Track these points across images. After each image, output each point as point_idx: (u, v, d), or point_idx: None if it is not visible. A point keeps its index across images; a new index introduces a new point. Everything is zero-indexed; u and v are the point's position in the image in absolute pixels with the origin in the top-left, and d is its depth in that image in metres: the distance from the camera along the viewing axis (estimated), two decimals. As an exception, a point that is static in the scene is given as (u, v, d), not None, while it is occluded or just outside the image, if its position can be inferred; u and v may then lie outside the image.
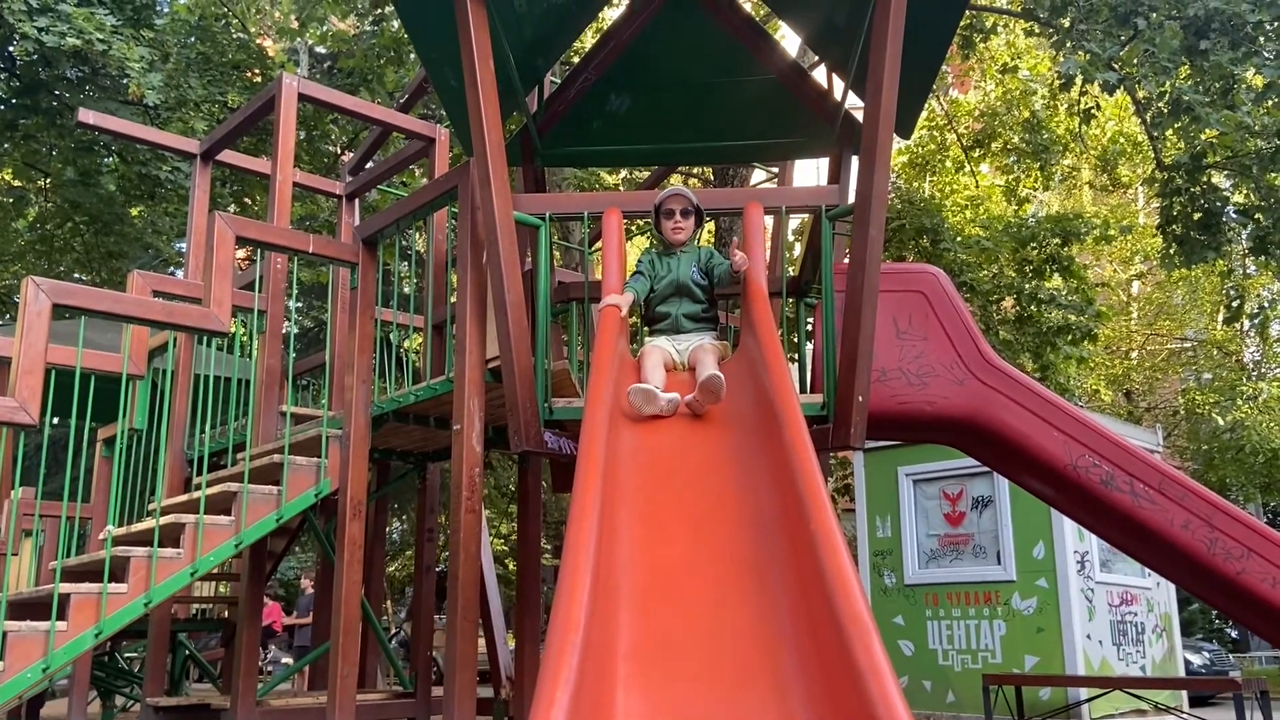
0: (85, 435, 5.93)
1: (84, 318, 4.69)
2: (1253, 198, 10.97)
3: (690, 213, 4.34)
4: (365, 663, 6.91)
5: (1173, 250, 11.24)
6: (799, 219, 12.62)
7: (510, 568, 17.22)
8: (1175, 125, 10.60)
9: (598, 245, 5.77)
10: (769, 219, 5.45)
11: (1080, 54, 10.06)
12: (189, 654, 9.00)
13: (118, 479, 6.02)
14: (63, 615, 4.27)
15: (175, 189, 10.90)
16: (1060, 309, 12.47)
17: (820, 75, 6.19)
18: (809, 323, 5.95)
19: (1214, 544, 4.39)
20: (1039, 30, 12.85)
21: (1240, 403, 16.66)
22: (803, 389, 5.11)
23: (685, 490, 3.42)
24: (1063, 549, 8.78)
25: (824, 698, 2.20)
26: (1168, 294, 21.79)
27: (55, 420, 8.90)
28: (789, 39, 12.71)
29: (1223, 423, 16.94)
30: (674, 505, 3.34)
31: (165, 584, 4.61)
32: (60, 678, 9.09)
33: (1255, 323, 16.38)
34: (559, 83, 6.26)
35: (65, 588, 4.33)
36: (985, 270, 12.45)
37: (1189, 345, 21.32)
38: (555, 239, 6.34)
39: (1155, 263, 16.65)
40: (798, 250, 12.85)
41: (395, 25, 11.54)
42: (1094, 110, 11.81)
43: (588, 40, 11.25)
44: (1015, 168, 14.51)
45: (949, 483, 9.61)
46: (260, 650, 8.59)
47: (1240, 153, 10.41)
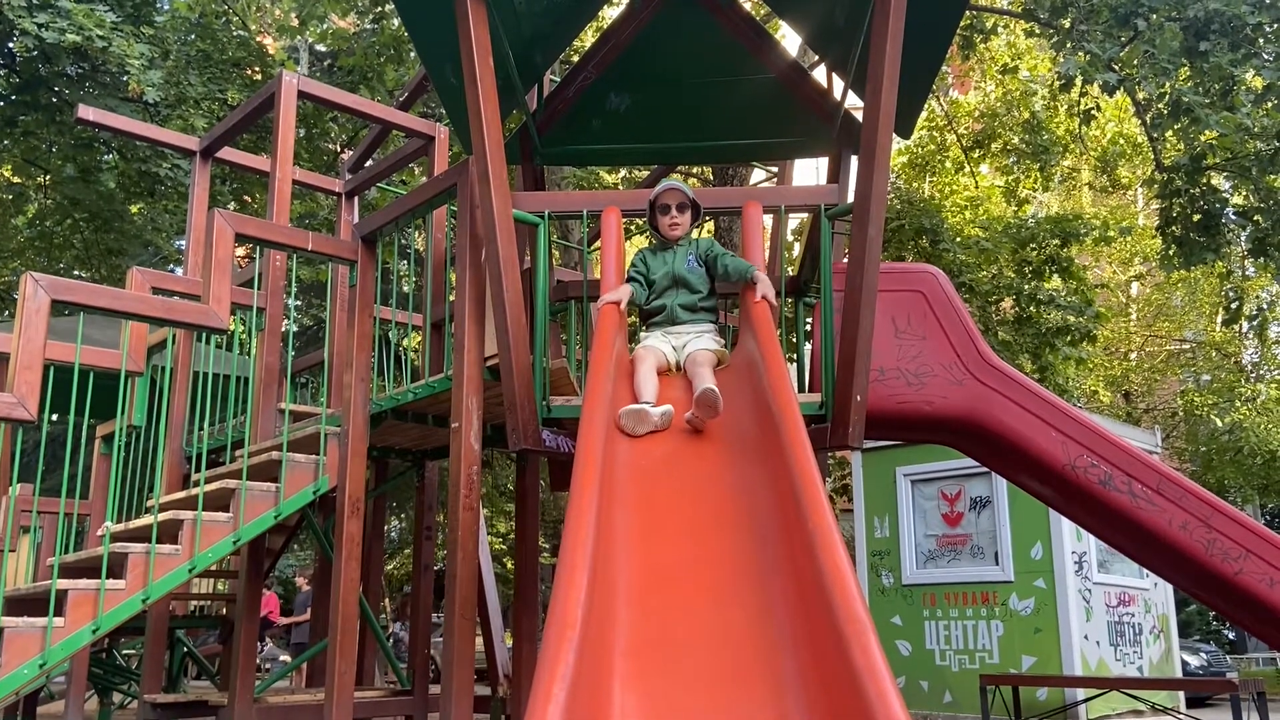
0: (84, 432, 5.93)
1: (83, 314, 4.69)
2: (1252, 199, 10.98)
3: (686, 207, 4.25)
4: (363, 660, 6.92)
5: (1172, 252, 11.24)
6: (798, 218, 12.63)
7: (508, 566, 17.22)
8: (1175, 127, 10.61)
9: (597, 244, 5.77)
10: (768, 218, 5.45)
11: (1080, 55, 10.06)
12: (187, 651, 9.00)
13: (116, 475, 6.02)
14: (60, 611, 4.27)
15: (175, 186, 10.90)
16: (1059, 310, 12.48)
17: (820, 75, 6.19)
18: (807, 322, 5.95)
19: (1212, 545, 4.40)
20: (1039, 31, 12.86)
21: (1239, 404, 16.68)
22: (801, 388, 5.11)
23: (683, 490, 3.43)
24: (1060, 550, 8.79)
25: (821, 697, 2.20)
26: (1167, 295, 21.80)
27: (54, 417, 8.90)
28: (789, 38, 12.71)
29: (1221, 424, 16.95)
30: (672, 505, 3.34)
31: (163, 580, 4.61)
32: (58, 674, 9.10)
33: (1254, 324, 16.40)
34: (559, 81, 6.26)
35: (63, 584, 4.33)
36: (984, 271, 12.46)
37: (1188, 347, 21.34)
38: (554, 237, 6.35)
39: (1154, 264, 16.66)
40: (796, 250, 12.85)
41: (395, 23, 11.54)
42: (1094, 111, 11.82)
43: (588, 39, 11.25)
44: (1015, 168, 14.52)
45: (947, 483, 9.62)
46: (258, 644, 8.59)
47: (1240, 154, 10.42)
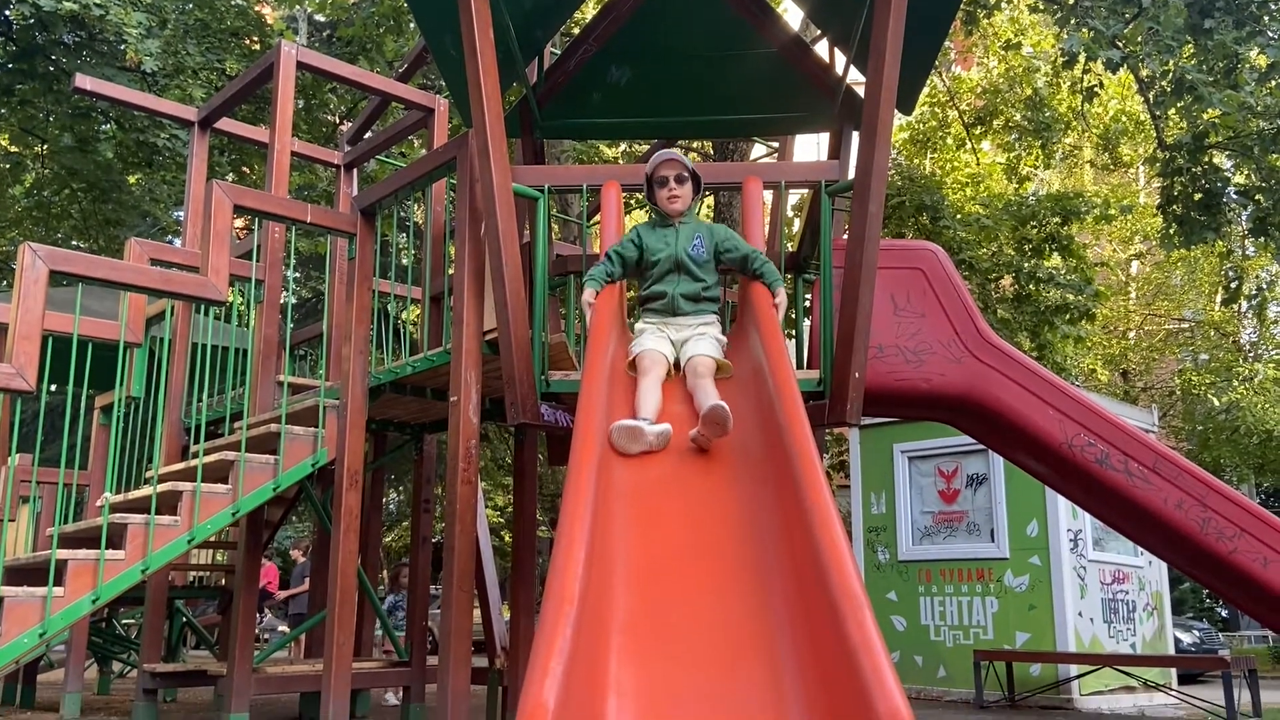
0: (83, 402, 5.94)
1: (81, 285, 4.68)
2: (1254, 179, 10.94)
3: (686, 179, 3.90)
4: (361, 631, 6.96)
5: (1172, 230, 11.21)
6: (798, 194, 12.60)
7: (506, 539, 17.29)
8: (1178, 105, 10.56)
9: (596, 219, 5.75)
10: (768, 194, 5.43)
11: (1084, 31, 9.99)
12: (186, 621, 9.05)
13: (115, 446, 6.03)
14: (60, 581, 4.29)
15: (173, 157, 10.84)
16: (1059, 288, 12.47)
17: (823, 50, 6.15)
18: (807, 299, 5.95)
19: (1207, 523, 4.42)
20: (1043, 6, 12.76)
21: (1236, 384, 16.71)
22: (799, 365, 5.11)
23: (681, 467, 3.44)
24: (1056, 527, 8.83)
25: (816, 672, 2.22)
26: (1166, 274, 21.78)
27: (53, 387, 8.90)
28: (791, 13, 12.61)
29: (1218, 403, 16.98)
30: (670, 482, 3.35)
31: (162, 551, 4.63)
32: (57, 643, 9.15)
33: (1253, 304, 16.41)
34: (559, 54, 6.22)
35: (63, 554, 4.35)
36: (984, 248, 12.44)
37: (1186, 326, 21.34)
38: (554, 212, 6.33)
39: (1155, 243, 16.63)
40: (796, 226, 12.81)
41: (395, -7, 11.43)
42: (1096, 88, 11.74)
43: (589, 11, 11.16)
44: (1016, 145, 14.46)
45: (944, 460, 9.65)
46: (256, 615, 8.64)
47: (1242, 133, 10.38)
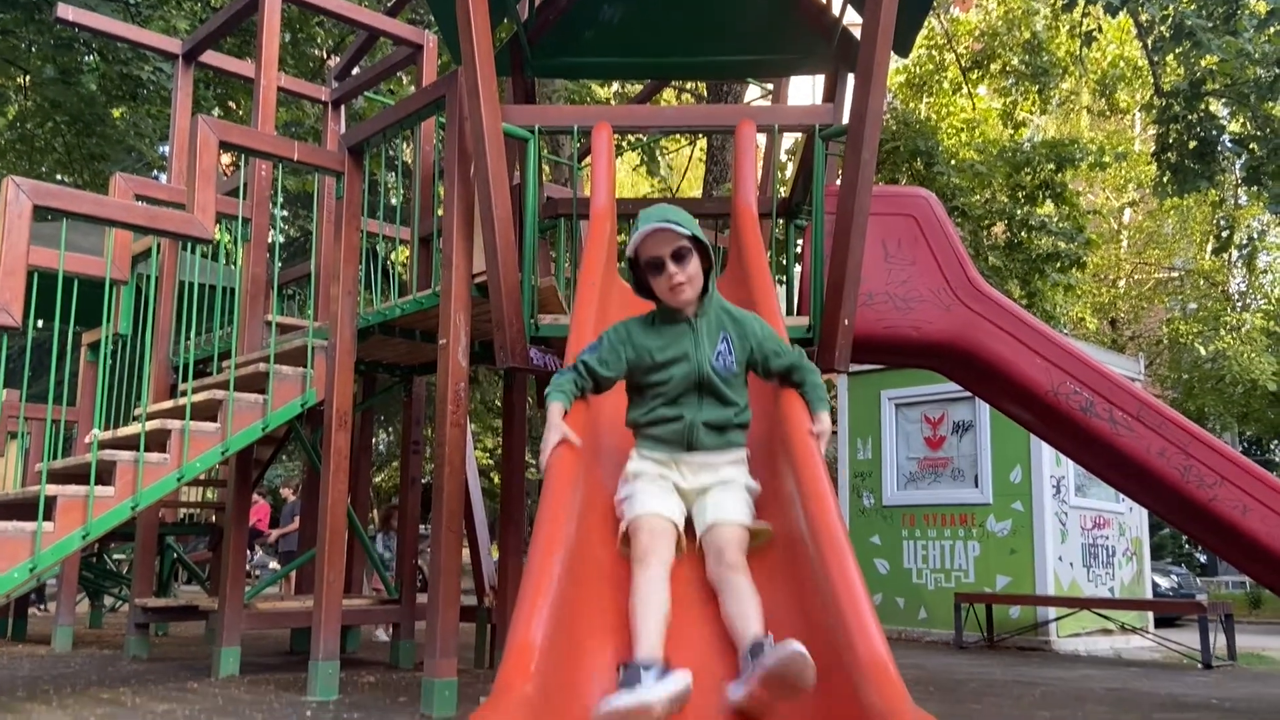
0: (69, 339, 5.91)
1: (66, 220, 4.63)
2: (1249, 127, 10.89)
3: (689, 251, 2.55)
4: (351, 570, 7.03)
5: (1166, 178, 11.18)
6: (792, 138, 12.47)
7: (495, 481, 17.40)
8: (1176, 51, 10.45)
9: (588, 160, 5.69)
10: (761, 138, 5.38)
11: (1085, -26, 9.84)
12: (177, 557, 9.13)
13: (103, 384, 6.02)
14: (49, 516, 4.31)
15: (157, 90, 10.64)
16: (1050, 235, 12.44)
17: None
18: (798, 245, 5.93)
19: (1188, 471, 4.47)
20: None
21: (1223, 333, 16.79)
22: (789, 311, 5.11)
23: (669, 409, 3.45)
24: (1040, 474, 8.92)
25: (796, 610, 2.25)
26: (1158, 223, 21.73)
27: (39, 323, 8.85)
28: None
29: (1204, 352, 17.08)
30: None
31: (152, 488, 4.65)
32: (49, 577, 9.22)
33: (1243, 254, 16.42)
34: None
35: (52, 489, 4.37)
36: (978, 195, 12.37)
37: (1176, 275, 21.36)
38: (544, 152, 6.26)
39: (1148, 191, 16.55)
40: (789, 171, 12.71)
41: (383, -76, 11.16)
42: (1095, 33, 11.62)
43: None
44: (1013, 90, 14.31)
45: (931, 407, 9.71)
46: (247, 552, 8.72)
47: (1239, 80, 10.29)
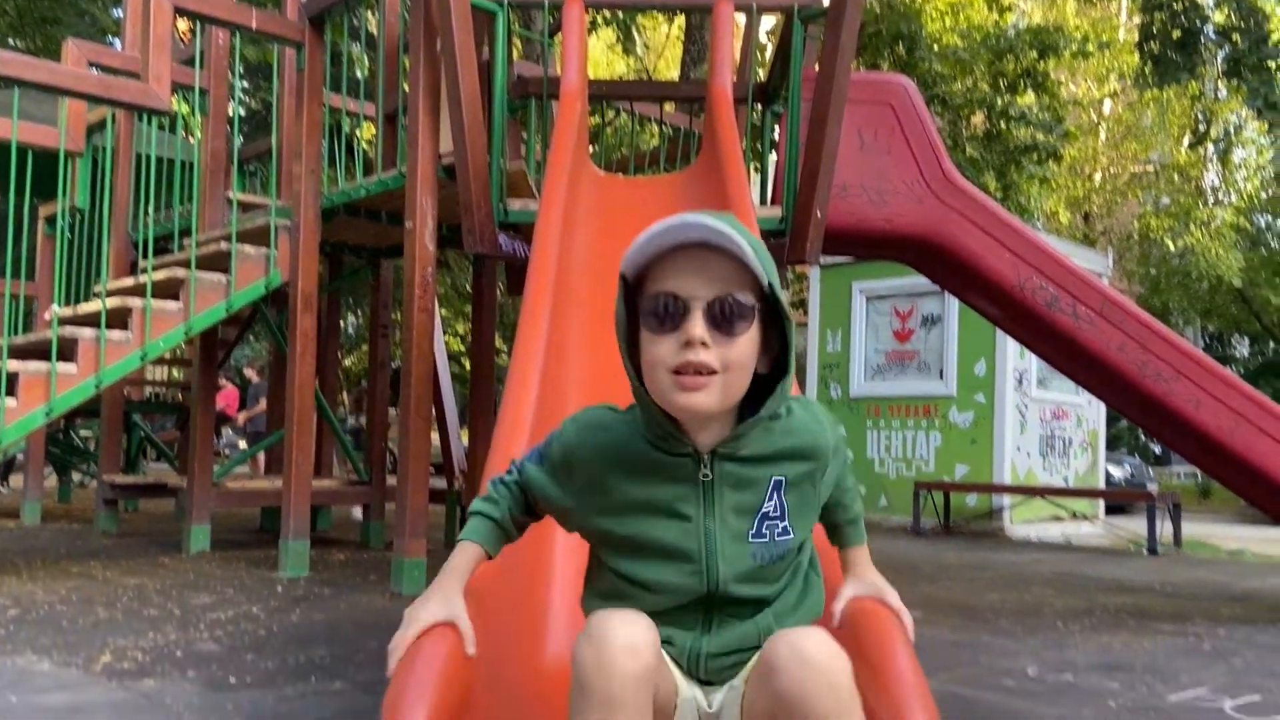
0: (25, 212, 5.76)
1: (18, 89, 4.45)
2: (1233, 18, 10.72)
3: (744, 314, 1.28)
4: (321, 452, 7.07)
5: (1148, 68, 11.06)
6: (773, 19, 12.11)
7: (467, 366, 17.43)
8: (1168, -64, 10.19)
9: (560, 36, 5.51)
10: (740, 17, 5.22)
11: None
12: (144, 435, 9.13)
13: (61, 258, 5.89)
14: (12, 392, 4.27)
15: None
16: (1029, 126, 12.32)
17: None
18: (775, 132, 5.82)
19: (1145, 366, 4.54)
20: None
21: (1194, 229, 16.88)
22: (763, 201, 5.05)
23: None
24: (1004, 366, 9.06)
25: None
26: (1138, 115, 21.55)
27: (-7, 196, 8.61)
28: None
29: (1173, 248, 17.20)
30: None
31: (115, 366, 4.61)
32: (15, 451, 9.21)
33: (1219, 148, 16.37)
34: None
35: (13, 366, 4.32)
36: (959, 83, 12.16)
37: (1151, 169, 21.30)
38: (516, 26, 6.04)
39: (1129, 82, 16.35)
40: (769, 53, 12.40)
41: None
42: (1087, -85, 11.27)
43: None
44: (1000, -28, 13.92)
45: (901, 300, 9.75)
46: (216, 435, 8.74)
47: (1228, -31, 10.10)
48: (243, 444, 10.68)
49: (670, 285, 1.25)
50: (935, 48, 12.17)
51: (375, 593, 4.37)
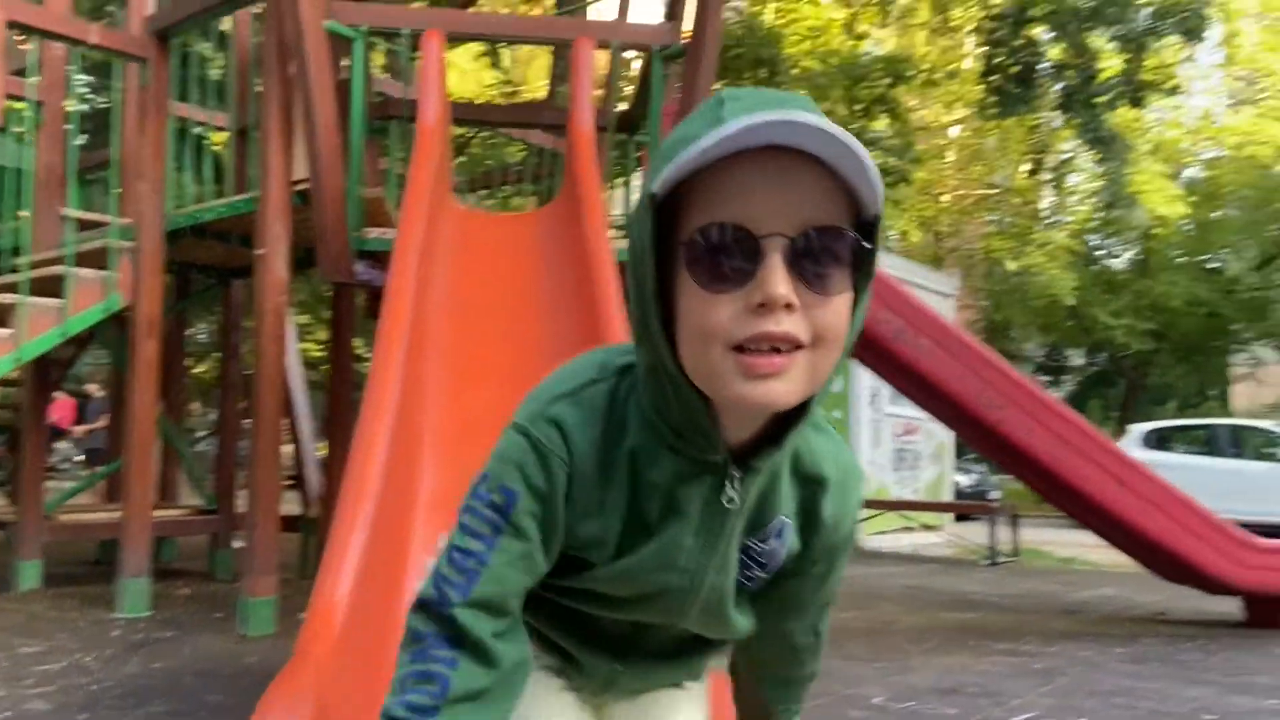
0: None
1: None
2: (1067, 55, 11.44)
3: (839, 263, 0.84)
4: (167, 475, 6.74)
5: (990, 100, 11.69)
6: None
7: (326, 372, 16.92)
8: (1006, -23, 10.80)
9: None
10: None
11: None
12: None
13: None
14: None
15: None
16: (882, 152, 12.85)
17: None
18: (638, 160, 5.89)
19: (981, 394, 4.81)
20: None
21: (1031, 249, 17.92)
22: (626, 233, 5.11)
23: (499, 338, 3.42)
24: (859, 384, 9.41)
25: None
26: (983, 139, 22.72)
27: None
28: None
29: (1013, 267, 18.21)
30: (487, 352, 3.34)
31: (-68, 399, 4.30)
32: None
33: (1055, 175, 17.43)
34: None
35: None
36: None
37: (995, 191, 22.47)
38: (376, 46, 5.92)
39: (975, 110, 17.25)
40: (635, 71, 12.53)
41: None
42: (935, -49, 11.83)
43: None
44: (855, 0, 14.48)
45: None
46: (49, 449, 8.23)
47: (1061, 9, 10.75)
48: (79, 458, 10.10)
49: (734, 212, 0.82)
50: (795, 71, 12.55)
51: (221, 634, 4.20)
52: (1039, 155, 14.68)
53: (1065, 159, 17.53)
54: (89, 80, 12.20)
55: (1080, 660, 4.08)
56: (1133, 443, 11.77)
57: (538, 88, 15.67)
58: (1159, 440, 12.16)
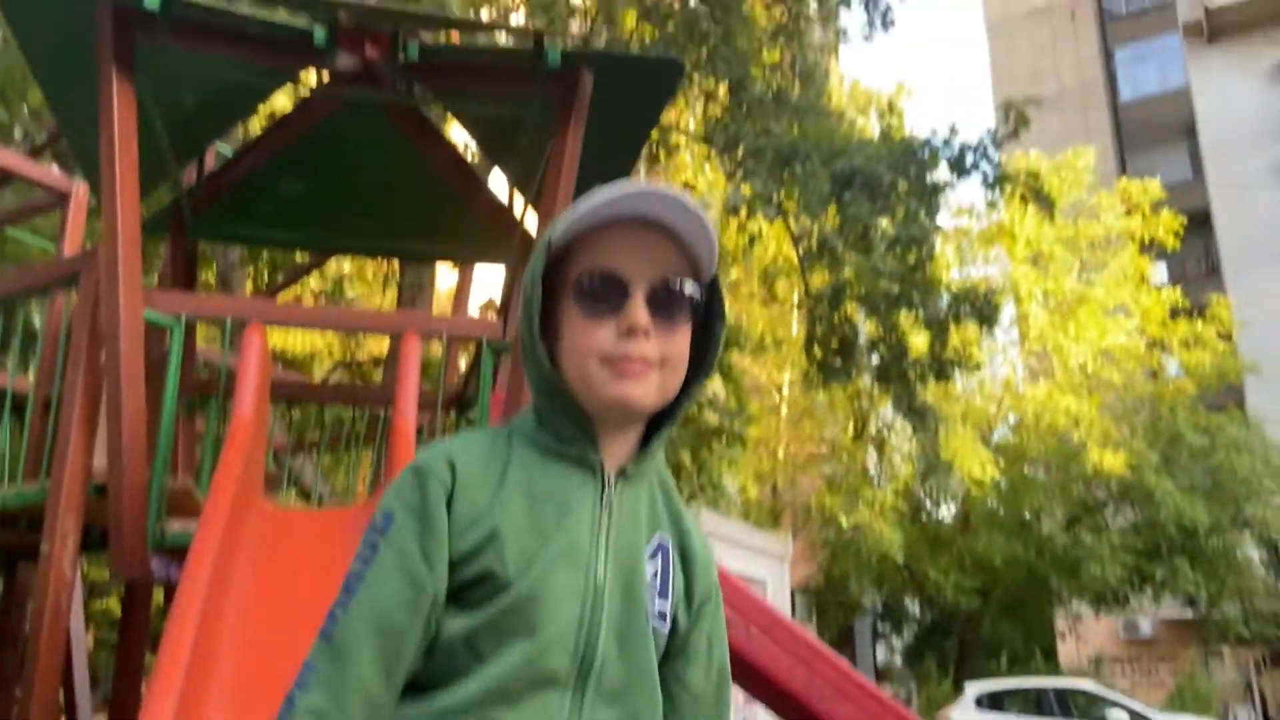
0: None
1: None
2: (880, 331, 12.42)
3: (686, 306, 1.17)
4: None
5: (813, 370, 12.45)
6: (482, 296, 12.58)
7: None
8: (820, 263, 11.82)
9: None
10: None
11: (745, 187, 11.00)
12: None
13: None
14: None
15: None
16: (716, 413, 13.38)
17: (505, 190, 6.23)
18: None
19: (810, 685, 4.78)
20: (713, 156, 13.91)
21: (861, 506, 18.61)
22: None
23: (305, 641, 3.20)
24: None
25: None
26: (812, 399, 24.01)
27: None
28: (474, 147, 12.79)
29: (845, 524, 18.79)
30: (286, 656, 3.11)
31: None
32: None
33: (875, 440, 18.46)
34: (230, 155, 5.84)
35: None
36: (658, 371, 13.09)
37: (824, 449, 23.54)
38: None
39: (801, 376, 18.33)
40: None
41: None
42: (757, 236, 12.91)
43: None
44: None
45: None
46: None
47: (872, 291, 11.77)
48: None
49: (610, 261, 1.13)
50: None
51: None
52: (862, 419, 15.57)
53: (886, 425, 18.65)
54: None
55: None
56: (968, 704, 11.88)
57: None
58: (991, 702, 12.33)
